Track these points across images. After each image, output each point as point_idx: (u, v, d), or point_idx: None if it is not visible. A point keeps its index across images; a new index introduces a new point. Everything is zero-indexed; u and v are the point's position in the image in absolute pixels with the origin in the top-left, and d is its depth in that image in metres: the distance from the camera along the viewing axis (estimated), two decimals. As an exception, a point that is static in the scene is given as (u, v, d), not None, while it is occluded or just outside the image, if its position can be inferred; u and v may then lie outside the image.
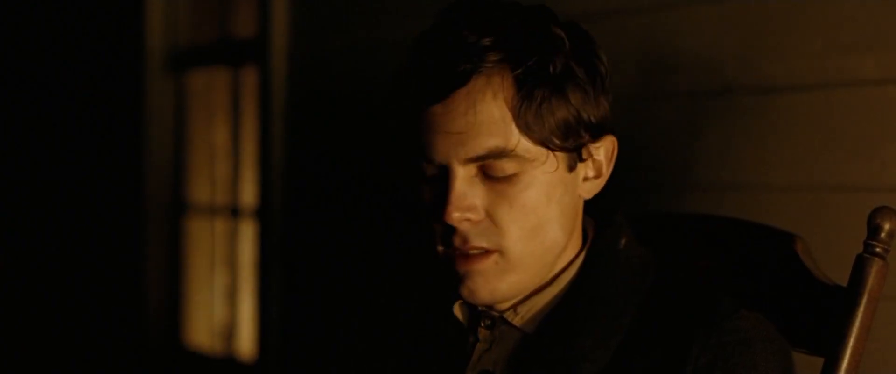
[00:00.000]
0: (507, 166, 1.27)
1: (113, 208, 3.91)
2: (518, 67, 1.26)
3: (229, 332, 3.61)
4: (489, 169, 1.27)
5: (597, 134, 1.31)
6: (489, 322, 1.35)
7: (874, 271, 1.30)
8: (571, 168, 1.31)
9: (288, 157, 3.06)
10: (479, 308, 1.35)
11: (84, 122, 4.07)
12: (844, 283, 1.34)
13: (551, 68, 1.26)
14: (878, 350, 1.66)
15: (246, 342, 3.53)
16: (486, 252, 1.29)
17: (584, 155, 1.31)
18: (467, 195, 1.27)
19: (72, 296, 4.16)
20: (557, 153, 1.28)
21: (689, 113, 2.00)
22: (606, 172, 1.35)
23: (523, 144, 1.26)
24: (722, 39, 1.96)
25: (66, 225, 4.18)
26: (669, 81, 2.04)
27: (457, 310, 1.38)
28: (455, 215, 1.27)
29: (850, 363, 1.30)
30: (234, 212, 3.53)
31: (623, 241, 1.36)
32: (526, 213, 1.28)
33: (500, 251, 1.29)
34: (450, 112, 1.26)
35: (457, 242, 1.29)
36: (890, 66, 1.73)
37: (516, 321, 1.34)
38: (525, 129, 1.26)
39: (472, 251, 1.29)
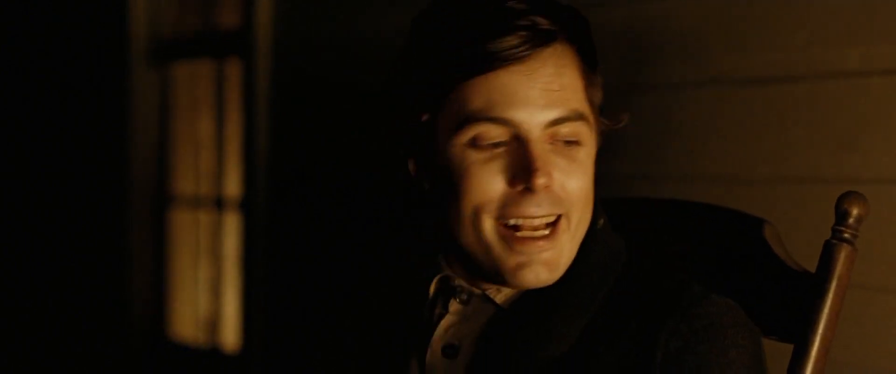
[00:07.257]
0: (580, 131, 1.25)
1: (97, 200, 3.90)
2: (576, 42, 1.27)
3: (213, 323, 3.61)
4: (559, 134, 1.25)
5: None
6: (465, 297, 1.33)
7: (843, 256, 1.30)
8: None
9: (272, 149, 3.06)
10: (454, 283, 1.33)
11: (68, 114, 4.06)
12: (821, 272, 1.34)
13: (590, 49, 1.28)
14: (848, 336, 1.67)
15: (230, 334, 3.52)
16: (555, 224, 1.25)
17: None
18: (549, 160, 1.24)
19: (56, 288, 4.15)
20: (595, 130, 1.29)
21: (672, 104, 2.00)
22: None
23: (589, 113, 1.27)
24: (705, 31, 1.96)
25: (51, 218, 4.17)
26: (653, 72, 2.04)
27: (433, 285, 1.34)
28: (541, 181, 1.22)
29: (819, 350, 1.29)
30: (219, 204, 3.52)
31: (600, 221, 1.35)
32: (586, 181, 1.27)
33: (566, 215, 1.26)
34: (534, 72, 1.23)
35: (531, 210, 1.24)
36: (872, 58, 1.73)
37: (499, 298, 1.31)
38: (589, 100, 1.27)
39: (543, 221, 1.25)
